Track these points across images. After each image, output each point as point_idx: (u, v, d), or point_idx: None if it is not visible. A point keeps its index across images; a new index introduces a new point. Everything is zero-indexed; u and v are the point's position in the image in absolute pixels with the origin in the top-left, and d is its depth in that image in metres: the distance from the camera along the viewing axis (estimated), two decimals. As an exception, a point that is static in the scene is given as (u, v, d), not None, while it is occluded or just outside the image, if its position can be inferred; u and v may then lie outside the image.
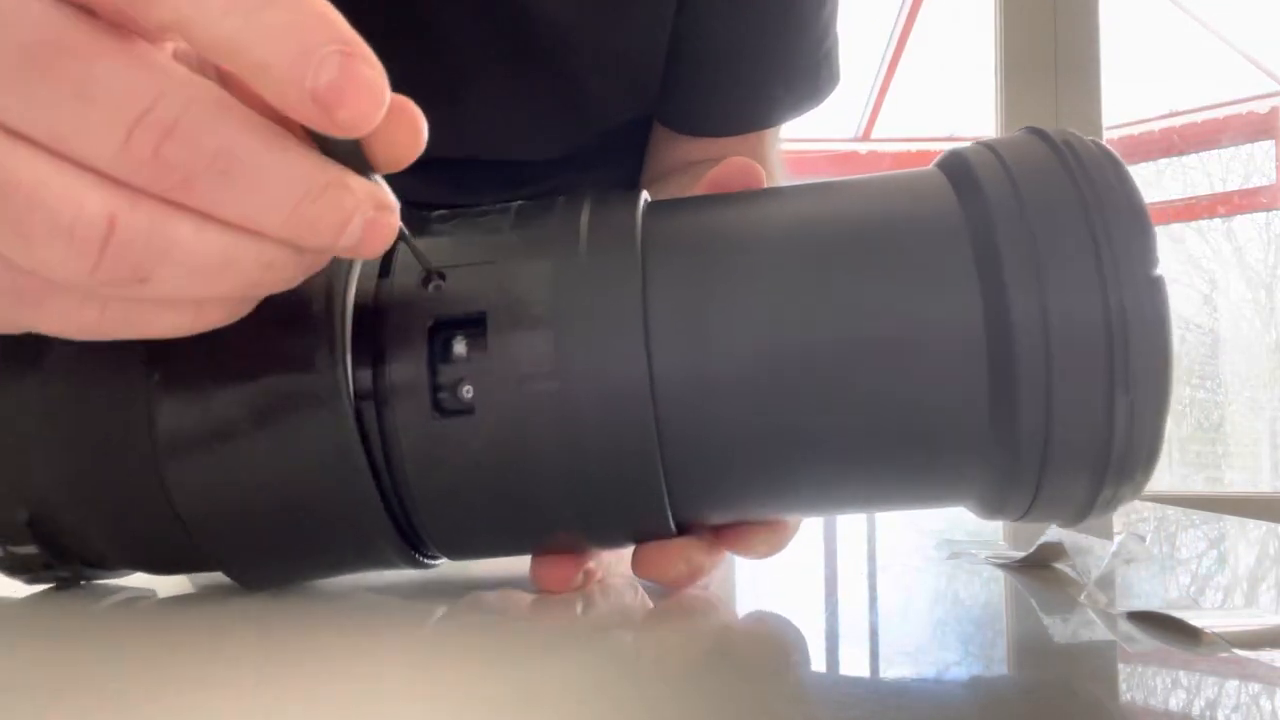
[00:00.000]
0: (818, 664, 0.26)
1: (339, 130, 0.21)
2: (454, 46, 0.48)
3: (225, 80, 0.22)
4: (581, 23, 0.49)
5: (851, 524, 0.66)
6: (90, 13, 0.20)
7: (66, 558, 0.31)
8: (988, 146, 0.28)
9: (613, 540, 0.30)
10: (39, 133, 0.20)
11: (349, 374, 0.26)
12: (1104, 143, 0.28)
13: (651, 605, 0.31)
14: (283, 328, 0.27)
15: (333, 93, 0.20)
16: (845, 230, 0.28)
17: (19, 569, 0.32)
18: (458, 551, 0.31)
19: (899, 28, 2.15)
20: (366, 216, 0.22)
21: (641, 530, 0.29)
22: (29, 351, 0.28)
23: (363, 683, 0.22)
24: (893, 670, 0.26)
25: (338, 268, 0.27)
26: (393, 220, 0.23)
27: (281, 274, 0.23)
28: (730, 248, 0.28)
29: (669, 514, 0.28)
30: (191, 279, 0.21)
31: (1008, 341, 0.25)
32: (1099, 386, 0.25)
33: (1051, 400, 0.25)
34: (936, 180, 0.28)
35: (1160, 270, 0.26)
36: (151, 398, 0.27)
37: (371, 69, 0.20)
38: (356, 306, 0.28)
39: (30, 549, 0.30)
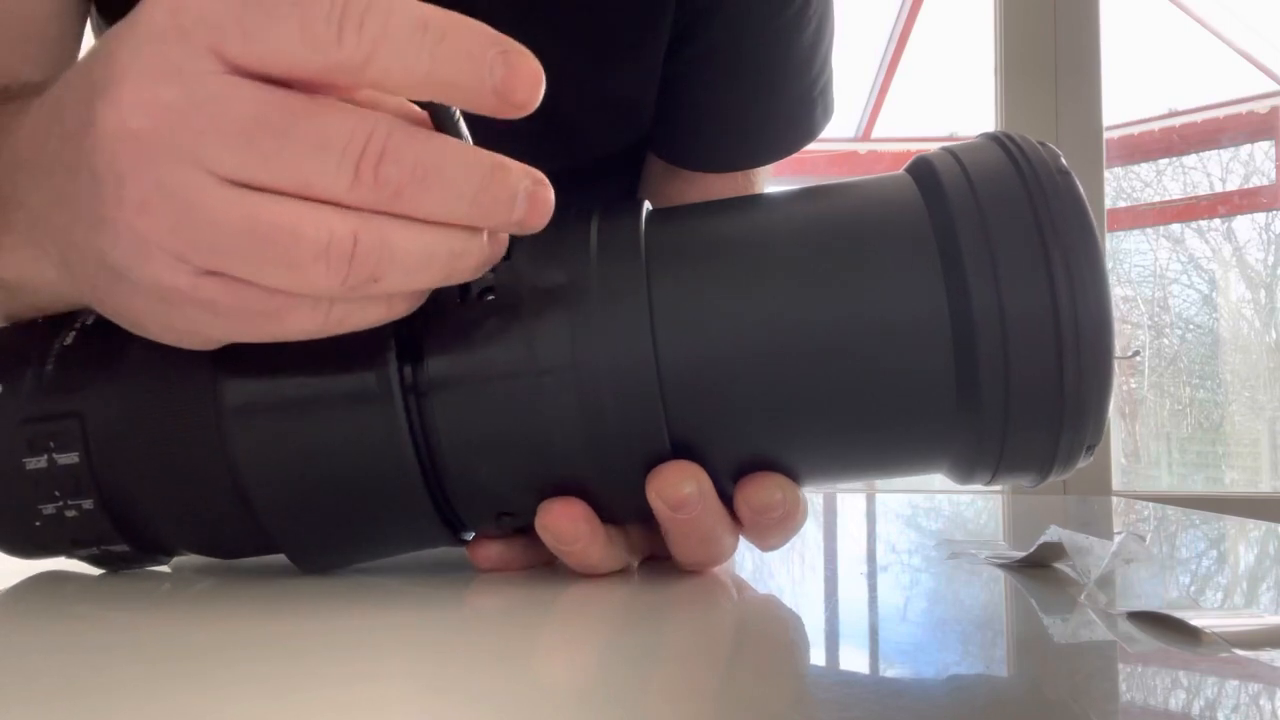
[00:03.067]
0: (818, 664, 0.26)
1: (514, 110, 0.26)
2: None
3: None
4: (567, 62, 0.49)
5: (851, 524, 0.66)
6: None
7: (128, 534, 0.33)
8: (950, 153, 0.32)
9: (617, 483, 0.31)
10: (280, 183, 0.25)
11: (398, 370, 0.30)
12: (1053, 146, 0.32)
13: (651, 604, 0.31)
14: None
15: (505, 83, 0.25)
16: (825, 232, 0.31)
17: (81, 542, 0.34)
18: (481, 509, 0.33)
19: (899, 28, 2.15)
20: (528, 189, 0.27)
21: (645, 463, 0.31)
22: (110, 354, 0.32)
23: (373, 673, 0.22)
24: (893, 670, 0.26)
25: None
26: (549, 192, 0.27)
27: (467, 262, 0.28)
28: (723, 248, 0.31)
29: (669, 448, 0.31)
30: (406, 275, 0.26)
31: (969, 327, 0.29)
32: (1050, 358, 0.29)
33: (1009, 374, 0.29)
34: (906, 185, 0.32)
35: (1099, 252, 0.29)
36: (218, 383, 0.30)
37: (524, 56, 0.25)
38: None
39: (89, 505, 0.32)
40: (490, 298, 0.30)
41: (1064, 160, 0.31)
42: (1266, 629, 0.27)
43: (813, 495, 0.74)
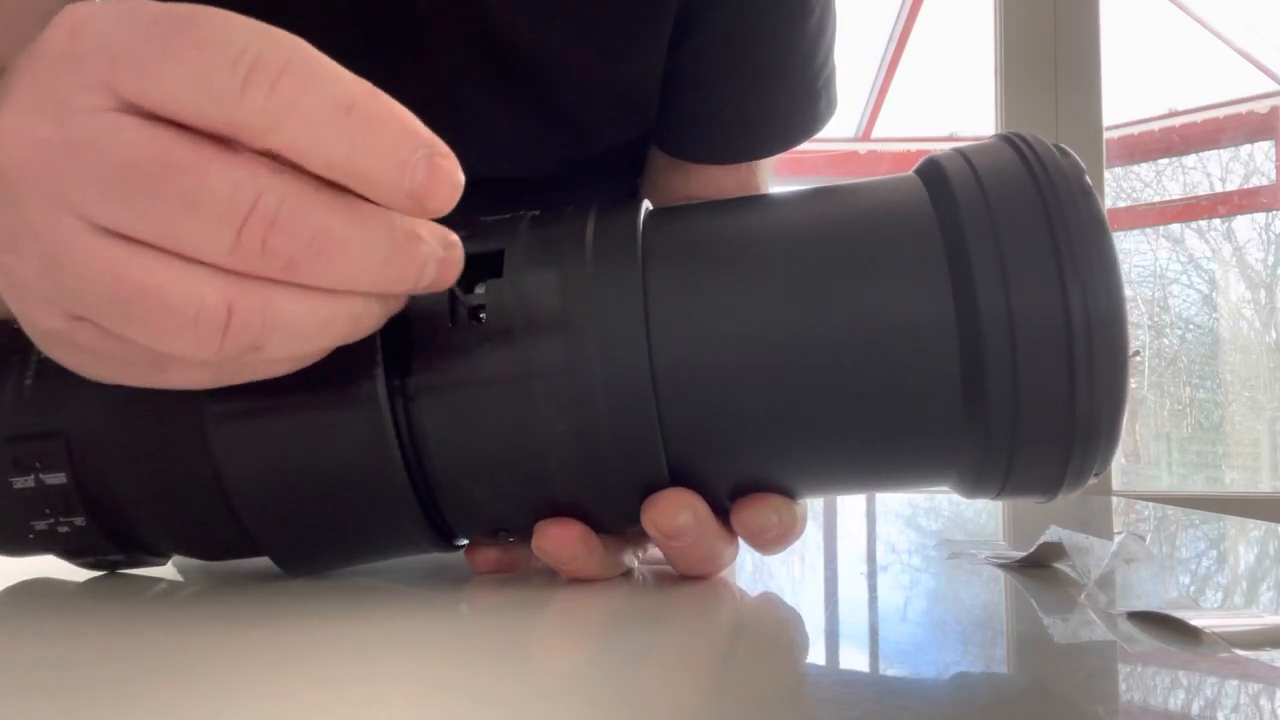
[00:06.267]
0: (818, 664, 0.26)
1: (428, 216, 0.24)
2: (445, 69, 0.48)
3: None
4: (570, 52, 0.49)
5: (851, 524, 0.66)
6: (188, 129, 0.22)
7: (121, 543, 0.33)
8: (961, 154, 0.31)
9: (614, 501, 0.31)
10: (153, 238, 0.23)
11: (384, 377, 0.29)
12: (1067, 148, 0.30)
13: (651, 603, 0.31)
14: None
15: (424, 190, 0.23)
16: (828, 235, 0.30)
17: (76, 552, 0.34)
18: (476, 525, 0.33)
19: (899, 28, 2.15)
20: (438, 257, 0.25)
21: (642, 486, 0.30)
22: None
23: (375, 673, 0.22)
24: (893, 670, 0.26)
25: None
26: (459, 254, 0.26)
27: (368, 323, 0.26)
28: (723, 251, 0.30)
29: (665, 467, 0.30)
30: (295, 343, 0.25)
31: (976, 336, 0.28)
32: (1061, 375, 0.28)
33: (1018, 389, 0.28)
34: (914, 186, 0.31)
35: (1116, 265, 0.28)
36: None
37: (448, 161, 0.24)
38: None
39: (80, 522, 0.32)
40: (482, 317, 0.30)
41: (1079, 161, 0.30)
42: (1266, 629, 0.27)
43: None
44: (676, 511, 0.30)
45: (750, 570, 0.39)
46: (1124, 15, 1.75)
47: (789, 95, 0.54)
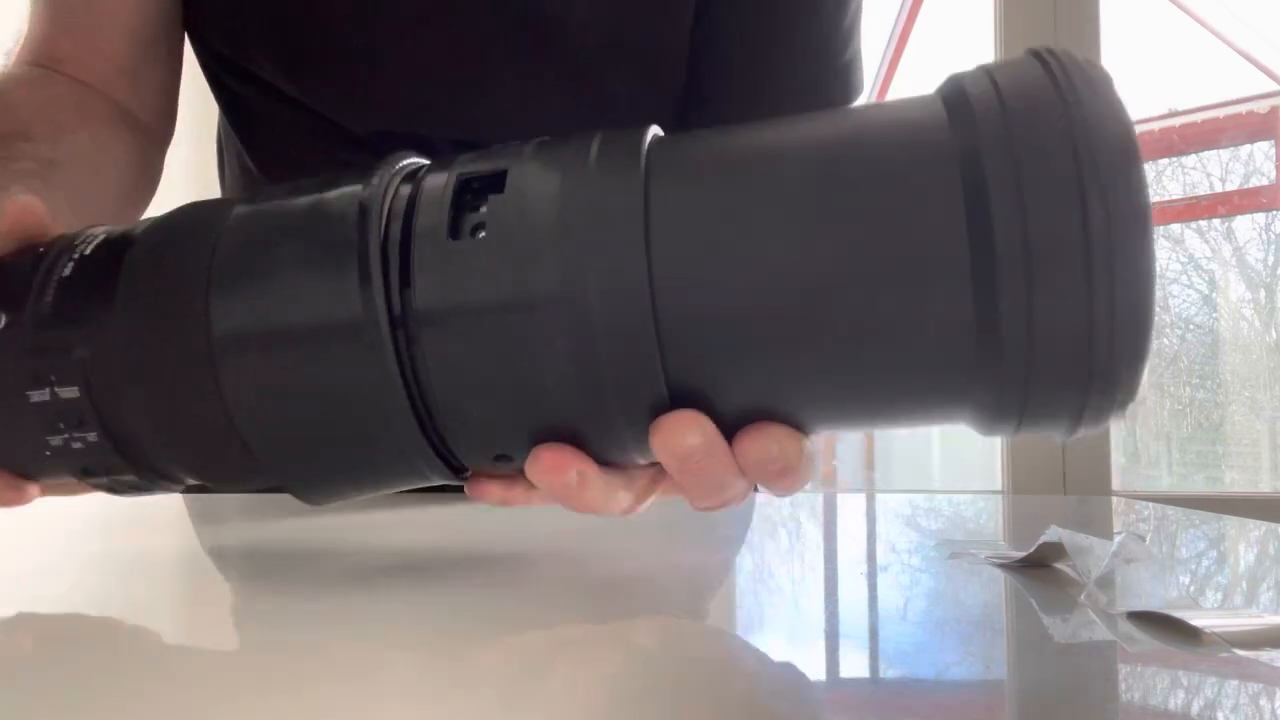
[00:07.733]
0: (818, 665, 0.26)
1: None
2: (472, 35, 0.48)
3: None
4: (596, 21, 0.50)
5: (852, 524, 0.66)
6: None
7: (134, 463, 0.34)
8: (987, 72, 0.30)
9: (614, 426, 0.30)
10: None
11: (386, 308, 0.29)
12: (1098, 63, 0.29)
13: (650, 605, 0.31)
14: (323, 262, 0.30)
15: None
16: (838, 156, 0.29)
17: (90, 471, 0.34)
18: (476, 449, 0.32)
19: (899, 27, 2.15)
20: None
21: (641, 409, 0.30)
22: (107, 284, 0.32)
23: (376, 673, 0.22)
24: (893, 670, 0.26)
25: (371, 208, 0.31)
26: None
27: None
28: (731, 168, 0.29)
29: (665, 391, 0.29)
30: None
31: (990, 262, 0.27)
32: (1080, 304, 0.26)
33: (1033, 317, 0.27)
34: (934, 108, 0.30)
35: (1144, 192, 0.26)
36: (209, 311, 0.30)
37: None
38: (386, 241, 0.30)
39: (93, 437, 0.33)
40: (482, 234, 0.29)
41: (1108, 72, 0.29)
42: (1266, 629, 0.27)
43: (812, 495, 0.74)
44: (686, 432, 0.29)
45: (750, 570, 0.39)
46: (1124, 15, 1.75)
47: (804, 76, 0.54)
